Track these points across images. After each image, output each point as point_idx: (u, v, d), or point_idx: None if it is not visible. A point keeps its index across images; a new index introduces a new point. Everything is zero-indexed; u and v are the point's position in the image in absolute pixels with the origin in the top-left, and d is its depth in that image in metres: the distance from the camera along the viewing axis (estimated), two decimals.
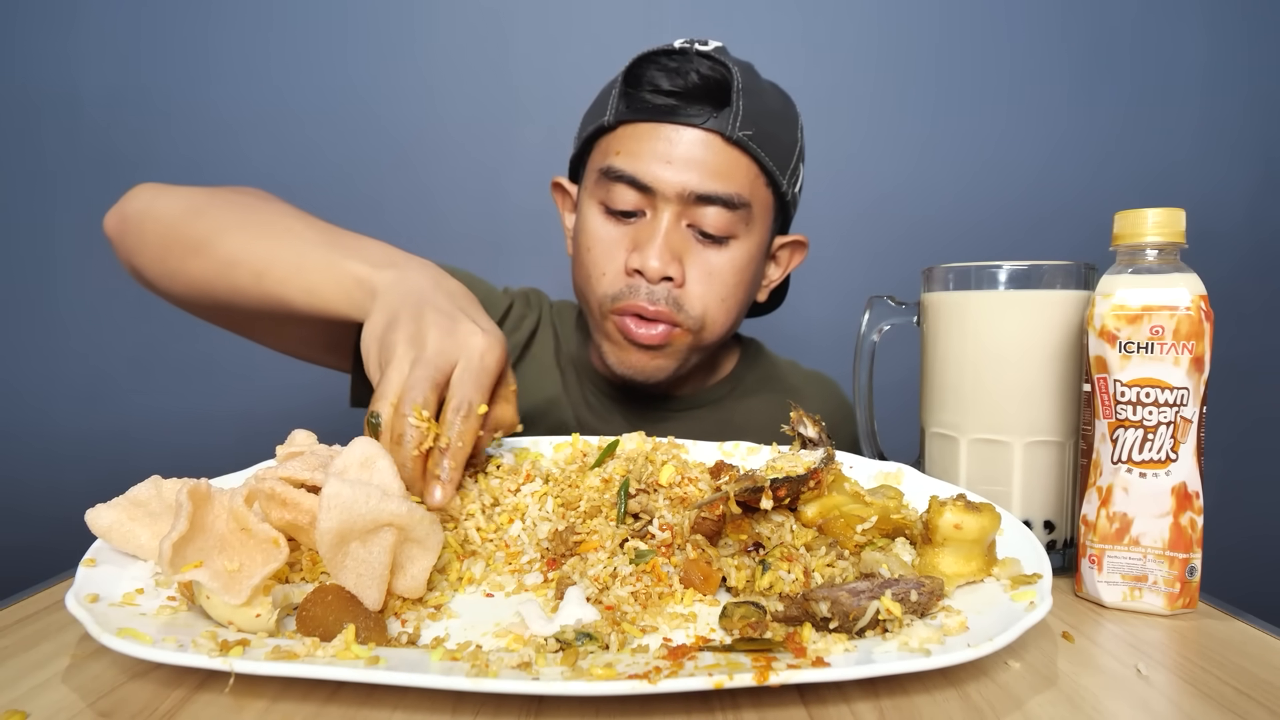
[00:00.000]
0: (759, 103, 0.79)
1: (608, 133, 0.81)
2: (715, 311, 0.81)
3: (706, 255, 0.80)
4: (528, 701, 0.36)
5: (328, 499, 0.40)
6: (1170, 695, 0.38)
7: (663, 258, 0.77)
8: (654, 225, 0.78)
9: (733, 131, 0.76)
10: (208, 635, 0.38)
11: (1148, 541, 0.49)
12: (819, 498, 0.51)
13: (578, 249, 0.84)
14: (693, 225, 0.79)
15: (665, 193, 0.77)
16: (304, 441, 0.56)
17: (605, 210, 0.80)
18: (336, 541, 0.41)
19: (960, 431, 0.62)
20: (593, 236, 0.81)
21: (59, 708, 0.35)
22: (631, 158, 0.77)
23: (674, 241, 0.78)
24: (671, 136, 0.77)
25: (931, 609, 0.42)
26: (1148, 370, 0.49)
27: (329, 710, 0.35)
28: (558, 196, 0.92)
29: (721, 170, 0.77)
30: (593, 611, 0.41)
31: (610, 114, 0.80)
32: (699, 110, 0.77)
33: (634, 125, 0.78)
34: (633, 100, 0.78)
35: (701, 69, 0.76)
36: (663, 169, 0.76)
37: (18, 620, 0.45)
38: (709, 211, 0.77)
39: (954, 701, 0.37)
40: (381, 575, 0.42)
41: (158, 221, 0.71)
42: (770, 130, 0.79)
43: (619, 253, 0.80)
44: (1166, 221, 0.49)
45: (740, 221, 0.79)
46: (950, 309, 0.63)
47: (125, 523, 0.46)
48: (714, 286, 0.80)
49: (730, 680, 0.34)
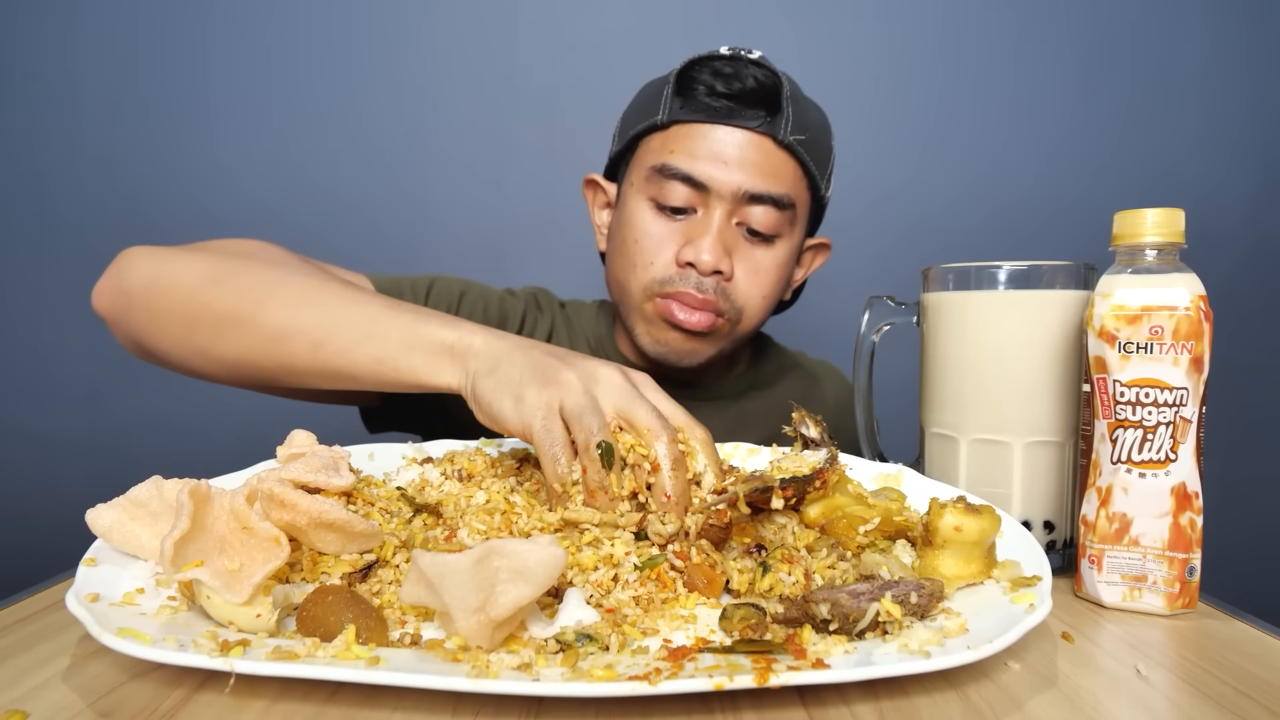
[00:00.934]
0: (805, 110, 0.83)
1: (659, 131, 0.83)
2: (755, 306, 0.85)
3: (754, 253, 0.83)
4: (528, 702, 0.36)
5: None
6: (1170, 695, 0.38)
7: (715, 252, 0.80)
8: (707, 221, 0.81)
9: (785, 136, 0.80)
10: (208, 635, 0.37)
11: (1147, 542, 0.49)
12: (822, 499, 0.51)
13: (621, 241, 0.85)
14: (741, 223, 0.82)
15: (719, 191, 0.80)
16: (304, 442, 0.56)
17: (656, 206, 0.83)
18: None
19: (960, 432, 0.62)
20: (641, 230, 0.83)
21: (59, 708, 0.35)
22: (687, 156, 0.80)
23: (726, 238, 0.81)
24: (726, 138, 0.80)
25: (931, 611, 0.42)
26: (1147, 370, 0.49)
27: (329, 710, 0.35)
28: (589, 194, 0.94)
29: (772, 171, 0.80)
30: (592, 614, 0.41)
31: (664, 113, 0.82)
32: (753, 114, 0.80)
33: (689, 125, 0.81)
34: (688, 101, 0.81)
35: (756, 75, 0.80)
36: (718, 168, 0.79)
37: (18, 620, 0.45)
38: (758, 210, 0.81)
39: (954, 703, 0.37)
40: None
41: (173, 295, 0.65)
42: (815, 137, 0.84)
43: (669, 247, 0.82)
44: (1166, 221, 0.49)
45: (786, 222, 0.83)
46: (950, 309, 0.63)
47: (125, 523, 0.46)
48: (758, 283, 0.84)
49: (730, 682, 0.34)
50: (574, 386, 0.52)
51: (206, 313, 0.64)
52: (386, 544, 0.47)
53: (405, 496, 0.55)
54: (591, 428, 0.50)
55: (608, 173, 0.93)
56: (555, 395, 0.52)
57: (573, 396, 0.51)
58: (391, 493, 0.55)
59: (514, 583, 0.37)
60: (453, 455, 0.63)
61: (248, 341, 0.63)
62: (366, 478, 0.57)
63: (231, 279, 0.64)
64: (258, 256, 0.69)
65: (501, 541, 0.38)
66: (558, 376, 0.52)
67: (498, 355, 0.55)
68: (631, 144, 0.87)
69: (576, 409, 0.51)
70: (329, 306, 0.62)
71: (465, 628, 0.38)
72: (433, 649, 0.39)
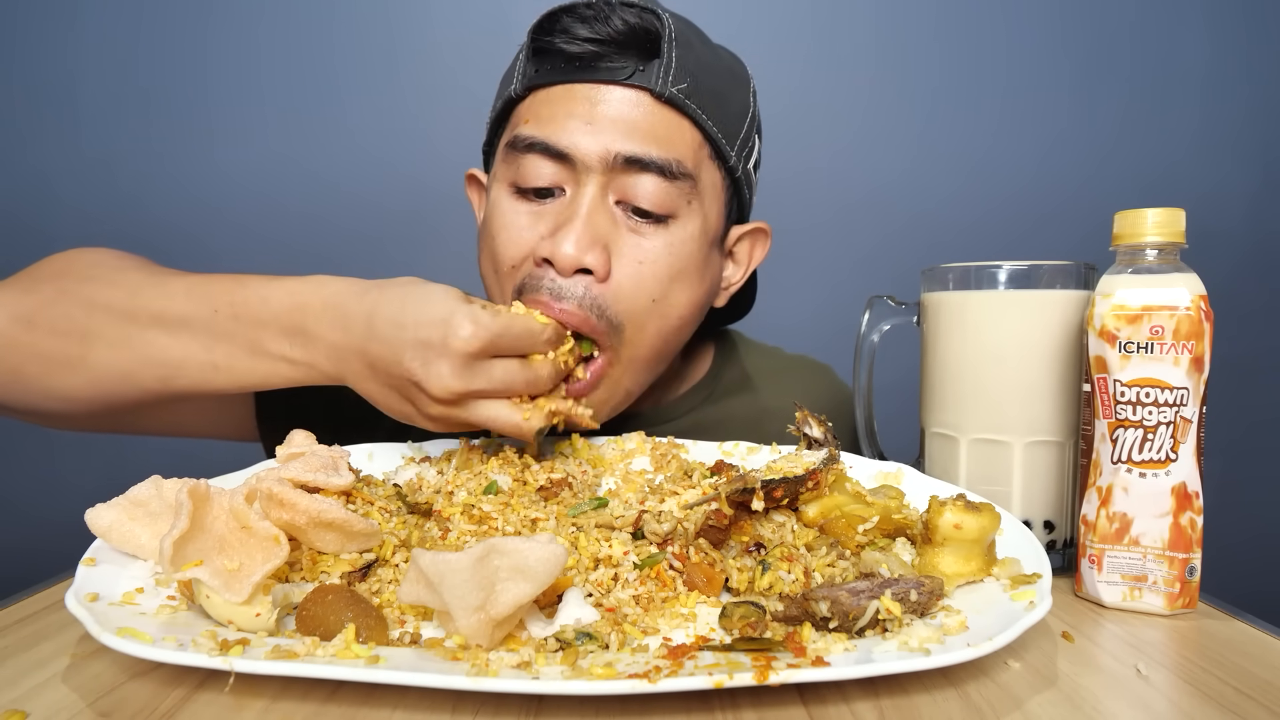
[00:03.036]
0: (695, 55, 0.66)
1: (518, 104, 0.68)
2: (644, 318, 0.65)
3: (638, 240, 0.65)
4: (528, 701, 0.36)
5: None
6: (1170, 695, 0.38)
7: (580, 241, 0.62)
8: (574, 203, 0.64)
9: (663, 87, 0.63)
10: (208, 635, 0.38)
11: (1148, 541, 0.49)
12: (820, 498, 0.51)
13: (482, 239, 0.71)
14: (622, 202, 0.65)
15: (586, 160, 0.63)
16: (303, 442, 0.56)
17: (516, 190, 0.67)
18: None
19: (960, 431, 0.62)
20: (500, 221, 0.67)
21: (59, 708, 0.35)
22: (543, 122, 0.65)
23: (598, 223, 0.63)
24: (591, 95, 0.64)
25: (931, 609, 0.42)
26: (1147, 370, 0.49)
27: (329, 710, 0.35)
28: (474, 194, 0.79)
29: (655, 133, 0.64)
30: (592, 612, 0.41)
31: (518, 82, 0.67)
32: (623, 63, 0.64)
33: (547, 89, 0.66)
34: (543, 60, 0.66)
35: (625, 16, 0.64)
36: (581, 132, 0.63)
37: (18, 620, 0.45)
38: (642, 181, 0.64)
39: (954, 701, 0.37)
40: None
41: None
42: (712, 87, 0.67)
43: (528, 238, 0.65)
44: (1166, 221, 0.49)
45: (681, 196, 0.65)
46: (950, 309, 0.63)
47: (125, 522, 0.46)
48: (645, 280, 0.64)
49: (730, 680, 0.34)
50: (421, 402, 0.56)
51: (30, 357, 0.61)
52: (386, 543, 0.48)
53: (400, 495, 0.55)
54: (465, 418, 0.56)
55: (486, 165, 0.77)
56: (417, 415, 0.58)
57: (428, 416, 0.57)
58: (390, 491, 0.55)
59: (514, 580, 0.37)
60: (450, 454, 0.63)
61: (85, 378, 0.61)
62: (366, 477, 0.58)
63: (42, 318, 0.61)
64: (56, 286, 0.63)
65: (501, 540, 0.38)
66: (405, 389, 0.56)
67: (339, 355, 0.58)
68: (497, 128, 0.72)
69: (443, 415, 0.56)
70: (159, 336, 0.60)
71: (465, 626, 0.38)
72: (432, 648, 0.39)
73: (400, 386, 0.56)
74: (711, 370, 0.85)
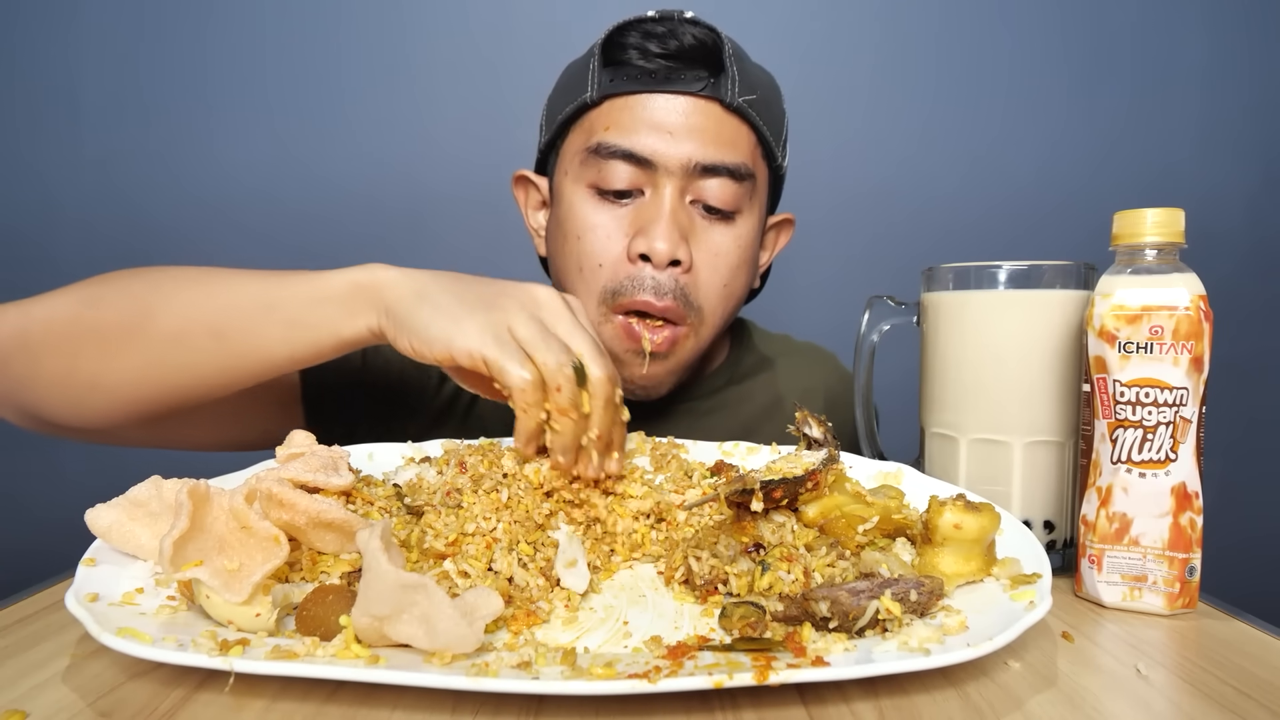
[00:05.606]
0: (748, 67, 0.74)
1: (591, 109, 0.74)
2: (716, 302, 0.75)
3: (711, 235, 0.73)
4: (527, 701, 0.36)
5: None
6: (1170, 695, 0.38)
7: (670, 238, 0.70)
8: (657, 203, 0.71)
9: (732, 98, 0.71)
10: (207, 635, 0.37)
11: (1147, 541, 0.49)
12: (819, 498, 0.51)
13: (563, 240, 0.76)
14: (696, 201, 0.73)
15: (667, 165, 0.71)
16: (303, 442, 0.56)
17: (597, 192, 0.73)
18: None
19: (960, 431, 0.62)
20: (584, 223, 0.73)
21: (59, 708, 0.35)
22: (625, 130, 0.71)
23: (680, 220, 0.72)
24: (667, 105, 0.71)
25: (931, 608, 0.42)
26: (1147, 370, 0.49)
27: (329, 710, 0.35)
28: (520, 193, 0.85)
29: (725, 139, 0.72)
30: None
31: (593, 89, 0.73)
32: (695, 76, 0.71)
33: (623, 98, 0.72)
34: (618, 71, 0.72)
35: (693, 32, 0.71)
36: (662, 139, 0.70)
37: (18, 620, 0.45)
38: (714, 184, 0.72)
39: (954, 701, 0.37)
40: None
41: (50, 328, 0.60)
42: (766, 98, 0.75)
43: (617, 238, 0.72)
44: (1166, 221, 0.49)
45: (745, 195, 0.74)
46: (950, 309, 0.63)
47: (125, 522, 0.46)
48: (720, 270, 0.74)
49: (730, 680, 0.34)
50: (520, 312, 0.50)
51: (90, 334, 0.59)
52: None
53: (400, 495, 0.55)
54: (554, 349, 0.48)
55: (539, 167, 0.84)
56: (502, 320, 0.49)
57: (523, 323, 0.49)
58: (390, 491, 0.55)
59: (417, 625, 0.36)
60: (451, 453, 0.63)
61: (142, 354, 0.58)
62: (366, 477, 0.57)
63: (108, 297, 0.60)
64: (126, 275, 0.63)
65: (435, 589, 0.36)
66: (499, 302, 0.51)
67: (420, 285, 0.52)
68: (562, 131, 0.78)
69: (531, 336, 0.49)
70: (217, 292, 0.58)
71: (356, 618, 0.37)
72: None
73: (492, 296, 0.52)
74: (731, 354, 0.92)
